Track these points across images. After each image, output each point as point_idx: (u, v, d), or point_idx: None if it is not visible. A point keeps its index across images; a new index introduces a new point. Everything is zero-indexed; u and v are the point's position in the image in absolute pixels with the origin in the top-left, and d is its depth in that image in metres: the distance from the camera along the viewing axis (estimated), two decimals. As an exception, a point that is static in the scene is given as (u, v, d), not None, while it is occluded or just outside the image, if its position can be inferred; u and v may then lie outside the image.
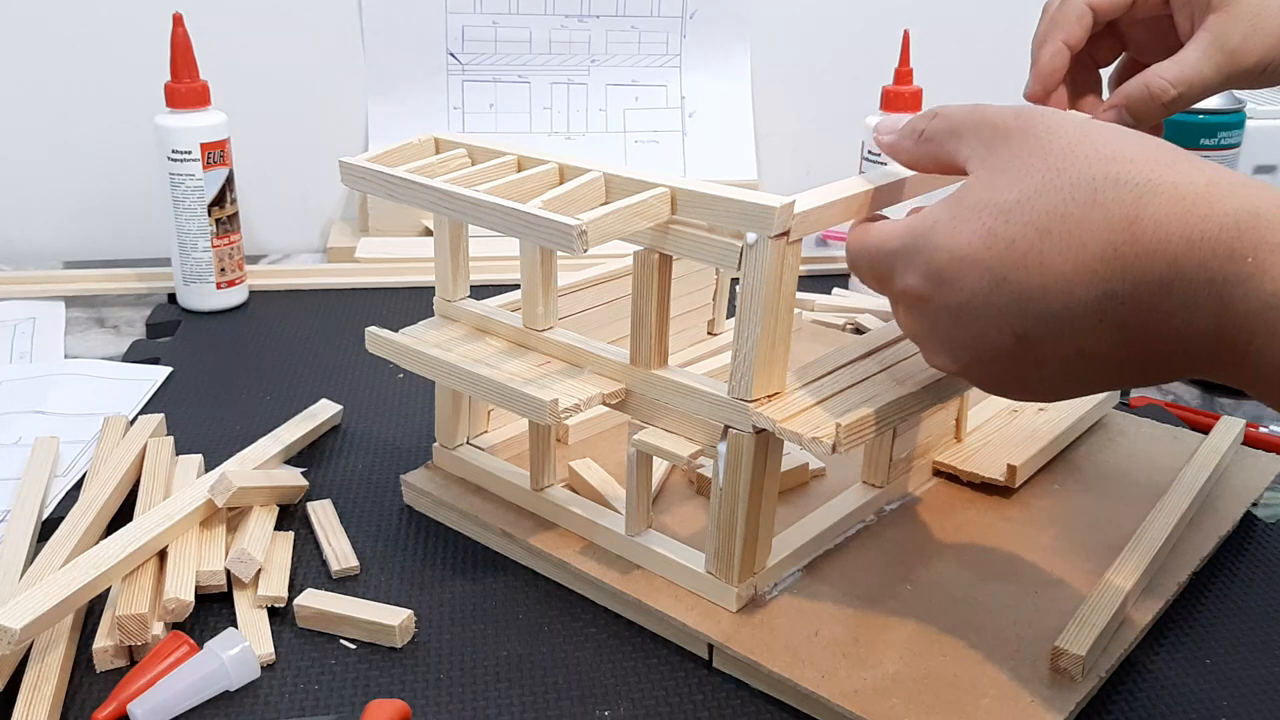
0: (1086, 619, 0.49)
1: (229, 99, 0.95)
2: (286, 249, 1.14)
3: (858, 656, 0.48)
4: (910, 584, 0.54)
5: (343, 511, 0.62)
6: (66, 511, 0.58)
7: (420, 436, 0.71)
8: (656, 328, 0.51)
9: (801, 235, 0.46)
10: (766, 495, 0.50)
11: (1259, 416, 0.78)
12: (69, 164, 1.09)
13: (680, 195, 0.47)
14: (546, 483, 0.59)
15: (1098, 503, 0.61)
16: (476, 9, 1.12)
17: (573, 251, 0.44)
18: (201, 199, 0.90)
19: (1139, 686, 0.49)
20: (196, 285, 0.92)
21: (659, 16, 1.16)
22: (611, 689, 0.49)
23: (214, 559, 0.54)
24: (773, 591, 0.53)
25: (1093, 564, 0.55)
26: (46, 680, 0.47)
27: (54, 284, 0.99)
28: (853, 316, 0.90)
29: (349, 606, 0.52)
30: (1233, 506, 0.61)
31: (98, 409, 0.74)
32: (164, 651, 0.48)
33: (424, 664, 0.50)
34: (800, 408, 0.47)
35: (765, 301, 0.46)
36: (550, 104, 1.15)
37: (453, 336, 0.58)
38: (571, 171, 0.52)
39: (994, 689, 0.47)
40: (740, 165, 1.17)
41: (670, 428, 0.51)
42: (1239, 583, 0.57)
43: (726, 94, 1.18)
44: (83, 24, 1.04)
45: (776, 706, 0.48)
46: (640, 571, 0.54)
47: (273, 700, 0.48)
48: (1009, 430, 0.66)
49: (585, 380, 0.53)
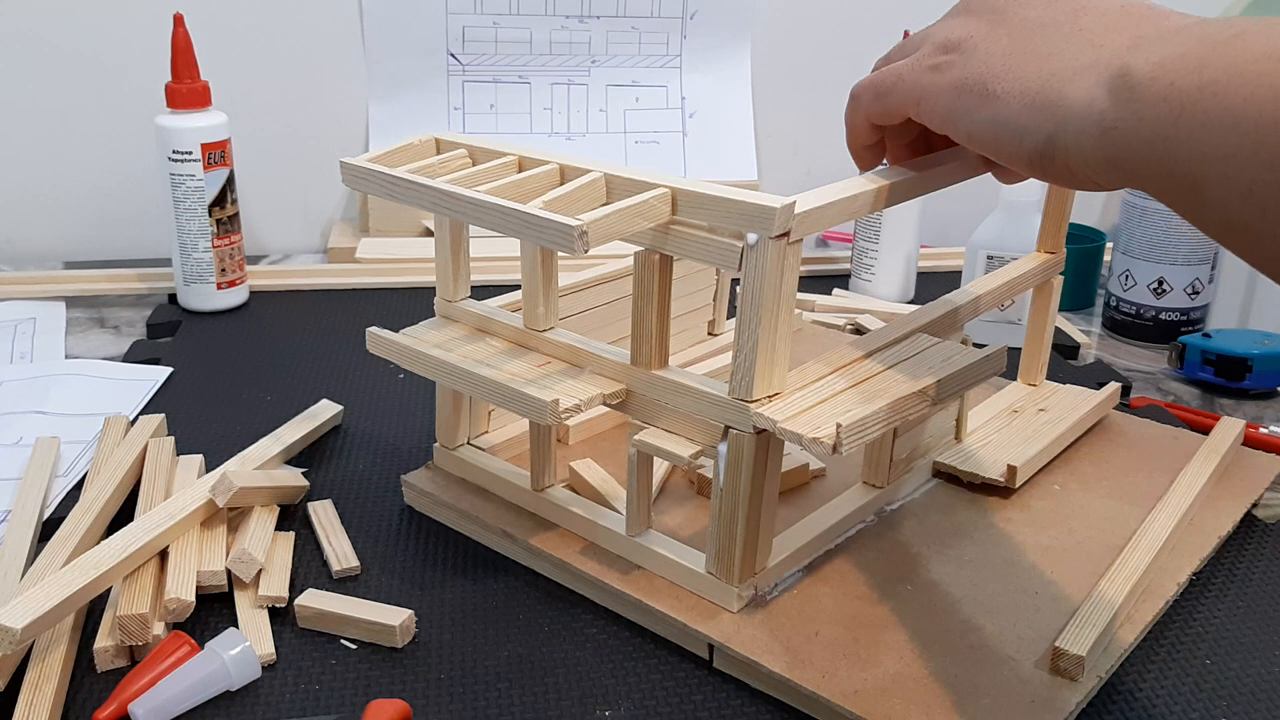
0: (1086, 619, 0.49)
1: (229, 99, 0.95)
2: (287, 249, 1.14)
3: (858, 656, 0.49)
4: (910, 584, 0.54)
5: (343, 512, 0.62)
6: (67, 512, 0.58)
7: (421, 437, 0.71)
8: (657, 328, 0.51)
9: (802, 235, 0.46)
10: (767, 495, 0.50)
11: (1259, 417, 0.78)
12: (70, 164, 1.09)
13: (681, 196, 0.47)
14: (547, 483, 0.59)
15: (1098, 503, 0.61)
16: (477, 9, 1.12)
17: (573, 252, 0.44)
18: (202, 199, 0.90)
19: (1139, 686, 0.49)
20: (197, 285, 0.92)
21: (659, 17, 1.16)
22: (612, 689, 0.49)
23: (215, 559, 0.54)
24: (773, 592, 0.53)
25: (1093, 564, 0.55)
26: (47, 680, 0.47)
27: (54, 284, 0.99)
28: (853, 316, 0.90)
29: (350, 607, 0.52)
30: (1233, 506, 0.61)
31: (98, 409, 0.74)
32: (165, 651, 0.48)
33: (424, 664, 0.50)
34: (800, 408, 0.47)
35: (766, 302, 0.46)
36: (551, 104, 1.15)
37: (453, 337, 0.58)
38: (572, 172, 0.52)
39: (994, 689, 0.47)
40: (740, 166, 1.17)
41: (671, 428, 0.51)
42: (1239, 583, 0.57)
43: (727, 94, 1.18)
44: (84, 25, 1.05)
45: (777, 707, 0.48)
46: (641, 572, 0.54)
47: (273, 700, 0.48)
48: (1009, 430, 0.66)
49: (586, 380, 0.53)
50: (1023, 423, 0.67)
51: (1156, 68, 0.37)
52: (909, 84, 0.48)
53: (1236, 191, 0.35)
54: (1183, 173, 0.36)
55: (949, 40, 0.46)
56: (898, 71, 0.48)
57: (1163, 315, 0.90)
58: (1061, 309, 0.97)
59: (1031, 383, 0.72)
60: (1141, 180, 0.38)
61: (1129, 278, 0.91)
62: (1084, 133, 0.39)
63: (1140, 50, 0.38)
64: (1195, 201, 0.37)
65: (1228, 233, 0.37)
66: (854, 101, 0.52)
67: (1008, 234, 0.86)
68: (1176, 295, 0.89)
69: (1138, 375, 0.85)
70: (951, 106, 0.45)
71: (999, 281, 0.64)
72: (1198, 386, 0.83)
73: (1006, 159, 0.44)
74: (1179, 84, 0.36)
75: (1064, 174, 0.42)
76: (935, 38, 0.47)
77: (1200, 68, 0.36)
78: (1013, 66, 0.43)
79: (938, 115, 0.46)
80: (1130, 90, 0.38)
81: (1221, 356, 0.81)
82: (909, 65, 0.48)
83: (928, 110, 0.47)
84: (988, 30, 0.45)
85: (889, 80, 0.49)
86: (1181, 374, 0.84)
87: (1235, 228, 0.36)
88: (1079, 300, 1.00)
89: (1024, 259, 0.68)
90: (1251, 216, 0.35)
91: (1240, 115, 0.34)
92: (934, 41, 0.47)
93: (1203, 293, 0.90)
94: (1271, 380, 0.81)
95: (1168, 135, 0.36)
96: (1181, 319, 0.90)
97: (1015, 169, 0.44)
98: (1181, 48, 0.37)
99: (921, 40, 0.49)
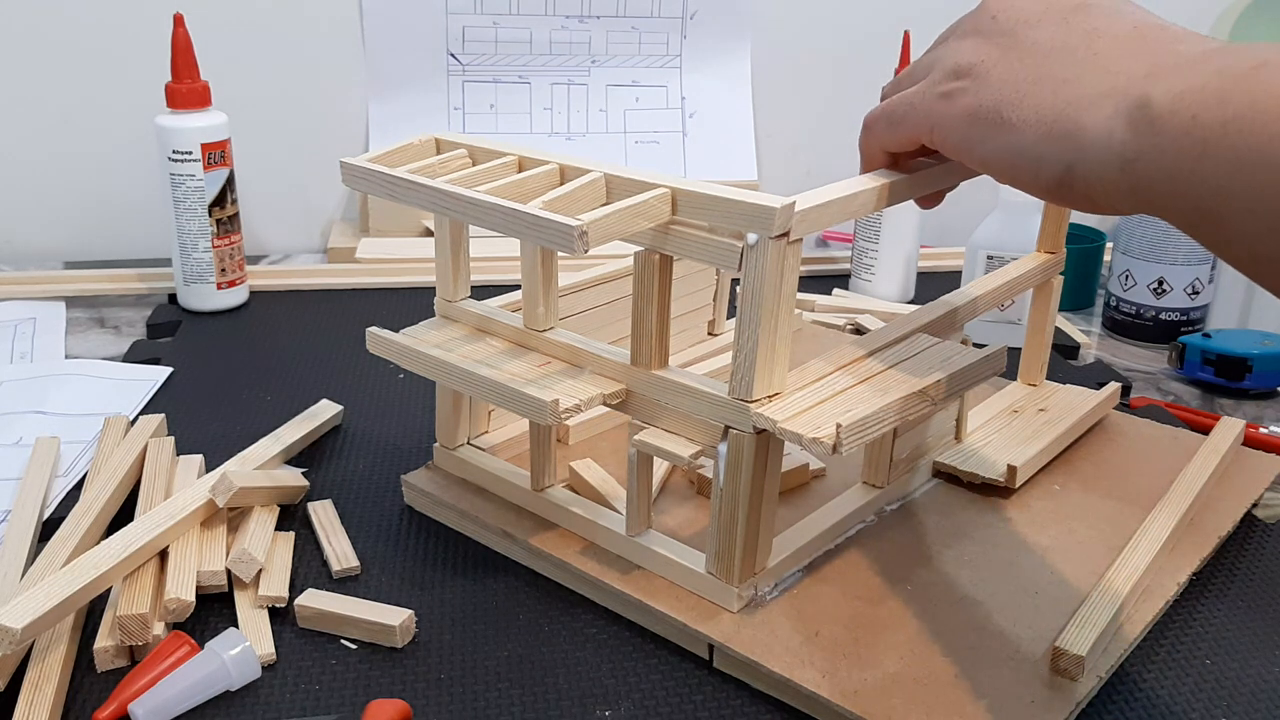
0: (1086, 619, 0.49)
1: (229, 99, 0.95)
2: (287, 249, 1.14)
3: (858, 656, 0.49)
4: (910, 584, 0.54)
5: (343, 512, 0.62)
6: (67, 512, 0.58)
7: (421, 436, 0.71)
8: (657, 328, 0.51)
9: (801, 235, 0.46)
10: (767, 495, 0.50)
11: (1259, 417, 0.78)
12: (70, 164, 1.09)
13: (681, 196, 0.47)
14: (547, 483, 0.59)
15: (1098, 503, 0.61)
16: (477, 9, 1.12)
17: (573, 252, 0.44)
18: (202, 199, 0.90)
19: (1139, 687, 0.49)
20: (197, 285, 0.92)
21: (659, 17, 1.16)
22: (612, 689, 0.49)
23: (215, 559, 0.54)
24: (773, 592, 0.53)
25: (1092, 564, 0.55)
26: (47, 680, 0.47)
27: (54, 284, 0.99)
28: (853, 316, 0.90)
29: (350, 606, 0.52)
30: (1233, 506, 0.61)
31: (98, 409, 0.74)
32: (165, 651, 0.48)
33: (424, 664, 0.50)
34: (800, 408, 0.47)
35: (765, 302, 0.46)
36: (550, 104, 1.15)
37: (453, 337, 0.58)
38: (572, 172, 0.52)
39: (994, 689, 0.47)
40: (740, 166, 1.17)
41: (671, 428, 0.51)
42: (1239, 583, 0.57)
43: (726, 94, 1.18)
44: (84, 25, 1.05)
45: (776, 707, 0.48)
46: (641, 572, 0.54)
47: (273, 700, 0.48)
48: (1009, 430, 0.66)
49: (586, 380, 0.53)
50: (1023, 423, 0.67)
51: (1177, 100, 0.37)
52: (921, 112, 0.47)
53: (1264, 226, 0.35)
54: (1207, 207, 0.36)
55: (959, 66, 0.46)
56: (909, 100, 0.48)
57: (1163, 315, 0.90)
58: (1061, 309, 0.97)
59: (1031, 383, 0.72)
60: (1164, 211, 0.38)
61: (1129, 278, 0.91)
62: (1104, 164, 0.39)
63: (1158, 80, 0.38)
64: (1220, 235, 0.37)
65: (1253, 264, 0.37)
66: (867, 131, 0.51)
67: (1008, 234, 0.86)
68: (1176, 295, 0.89)
69: (1138, 375, 0.85)
70: (966, 134, 0.45)
71: (999, 281, 0.64)
72: (1198, 386, 0.83)
73: (1024, 187, 0.44)
74: (1201, 118, 0.36)
75: (1084, 202, 0.41)
76: (945, 63, 0.47)
77: (1222, 102, 0.35)
78: (1027, 94, 0.42)
79: (951, 143, 0.46)
80: (1150, 124, 0.37)
81: (1221, 356, 0.81)
82: (920, 93, 0.47)
83: (941, 138, 0.46)
84: (1000, 55, 0.44)
85: (901, 109, 0.48)
86: (1181, 374, 0.84)
87: (1261, 260, 0.36)
88: (1079, 300, 1.00)
89: (1024, 259, 0.68)
90: (1277, 250, 0.35)
91: (1267, 152, 0.34)
92: (944, 67, 0.47)
93: (1203, 293, 0.90)
94: (1271, 380, 0.81)
95: (1191, 170, 0.36)
96: (1181, 319, 0.90)
97: (1033, 195, 0.44)
98: (1200, 80, 0.36)
99: (931, 64, 0.48)
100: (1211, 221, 0.37)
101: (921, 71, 0.49)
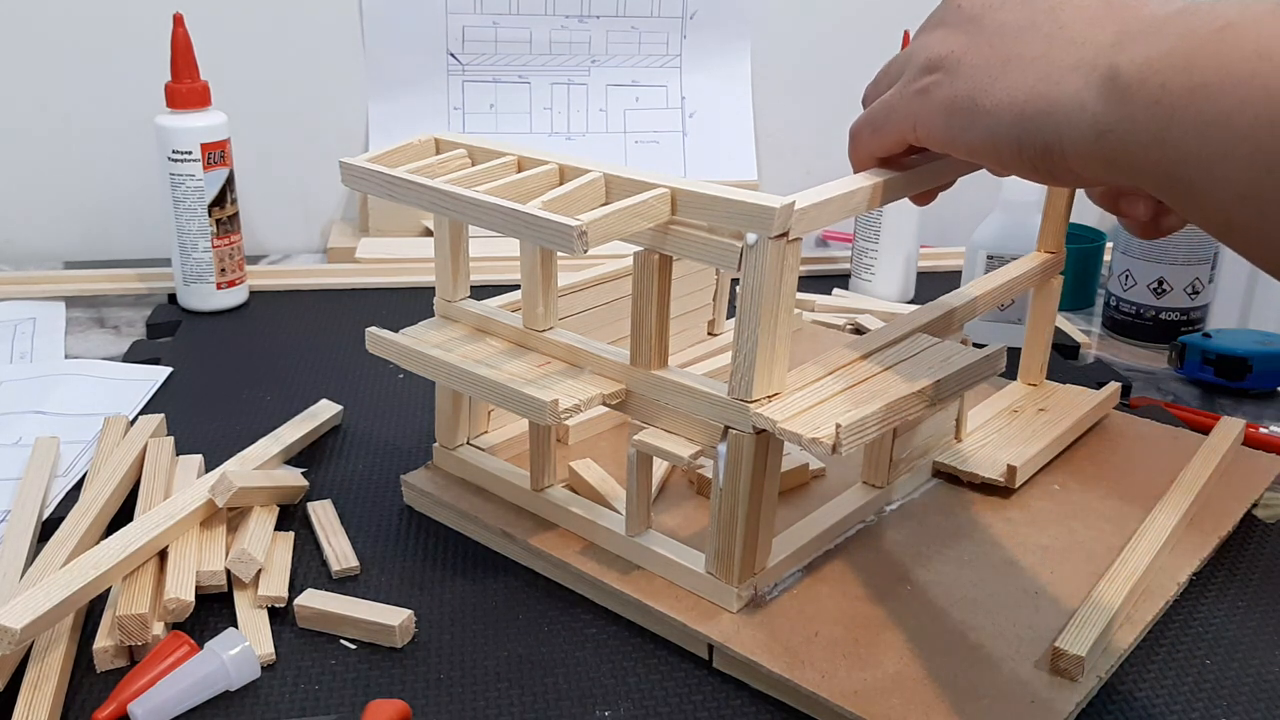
0: (1086, 619, 0.49)
1: (229, 99, 0.95)
2: (286, 249, 1.14)
3: (858, 656, 0.49)
4: (910, 584, 0.54)
5: (343, 512, 0.62)
6: (67, 512, 0.58)
7: (420, 437, 0.71)
8: (656, 328, 0.51)
9: (801, 235, 0.46)
10: (767, 495, 0.50)
11: (1259, 416, 0.78)
12: (70, 164, 1.09)
13: (680, 196, 0.47)
14: (546, 483, 0.59)
15: (1098, 502, 0.61)
16: (477, 9, 1.12)
17: (573, 252, 0.44)
18: (202, 199, 0.90)
19: (1139, 686, 0.49)
20: (197, 285, 0.92)
21: (659, 17, 1.16)
22: (611, 689, 0.49)
23: (214, 559, 0.54)
24: (773, 592, 0.53)
25: (1093, 564, 0.55)
26: (47, 680, 0.47)
27: (54, 284, 0.99)
28: (852, 316, 0.90)
29: (349, 606, 0.52)
30: (1233, 506, 0.61)
31: (98, 409, 0.74)
32: (164, 651, 0.48)
33: (424, 664, 0.50)
34: (800, 408, 0.47)
35: (765, 302, 0.46)
36: (550, 104, 1.15)
37: (453, 337, 0.58)
38: (572, 172, 0.52)
39: (994, 689, 0.47)
40: (740, 165, 1.17)
41: (670, 428, 0.51)
42: (1239, 583, 0.57)
43: (726, 94, 1.18)
44: (83, 24, 1.05)
45: (776, 707, 0.48)
46: (640, 572, 0.54)
47: (273, 700, 0.48)
48: (1009, 430, 0.66)
49: (585, 381, 0.53)
50: (1023, 423, 0.67)
51: (1144, 68, 0.37)
52: (901, 113, 0.47)
53: (1234, 193, 0.35)
54: (1179, 174, 0.36)
55: (930, 59, 0.46)
56: (888, 103, 0.48)
57: (1163, 315, 0.90)
58: (1061, 309, 0.97)
59: (1031, 383, 0.72)
60: (1141, 179, 0.38)
61: (1129, 277, 0.91)
62: (1080, 137, 0.39)
63: (1125, 48, 0.38)
64: (1194, 202, 0.37)
65: (1228, 232, 0.37)
66: (854, 140, 0.52)
67: (1008, 234, 0.86)
68: (1176, 295, 0.89)
69: (1138, 375, 0.85)
70: (947, 126, 0.45)
71: (999, 281, 0.64)
72: (1198, 386, 0.83)
73: (1011, 169, 0.44)
74: (1169, 85, 0.36)
75: (1068, 176, 0.42)
76: (917, 59, 0.47)
77: (1189, 67, 0.35)
78: (998, 77, 0.43)
79: (935, 137, 0.46)
80: (1120, 93, 0.37)
81: (1221, 356, 0.81)
82: (897, 94, 0.48)
83: (925, 134, 0.47)
84: (968, 42, 0.45)
85: (881, 113, 0.49)
86: (1181, 374, 0.84)
87: (1234, 228, 0.36)
88: (1079, 300, 1.00)
89: (1024, 259, 0.68)
90: (1250, 218, 0.35)
91: (1234, 117, 0.34)
92: (916, 63, 0.47)
93: (1203, 293, 0.90)
94: (1271, 380, 0.81)
95: (1162, 138, 0.36)
96: (1181, 319, 0.90)
97: (1021, 177, 0.44)
98: (1167, 44, 0.36)
99: (905, 62, 0.48)
100: (1184, 189, 0.36)
101: (896, 70, 0.49)
